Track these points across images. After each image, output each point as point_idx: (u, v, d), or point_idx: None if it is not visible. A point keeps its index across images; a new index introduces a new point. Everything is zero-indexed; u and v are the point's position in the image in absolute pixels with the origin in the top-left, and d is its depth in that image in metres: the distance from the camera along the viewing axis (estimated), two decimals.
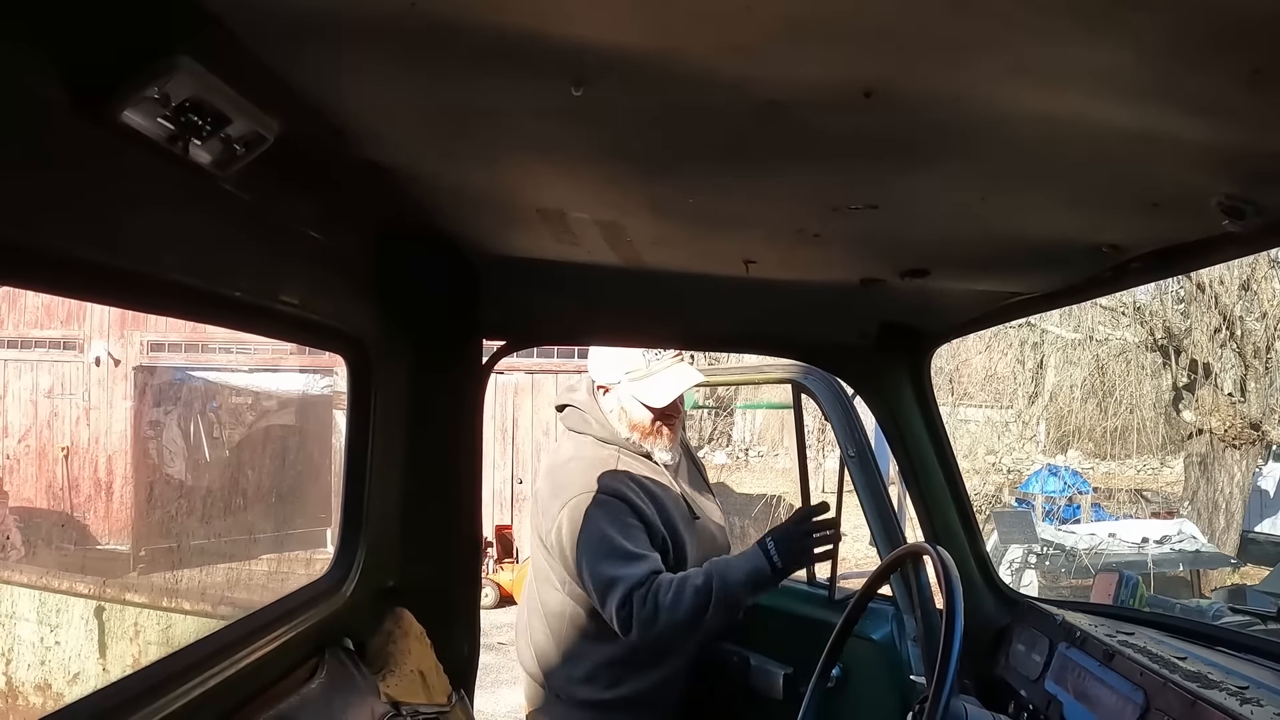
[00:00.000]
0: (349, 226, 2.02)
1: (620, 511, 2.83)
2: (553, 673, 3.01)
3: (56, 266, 1.16)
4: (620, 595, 2.72)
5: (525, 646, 3.14)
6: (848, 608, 2.39)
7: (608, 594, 2.75)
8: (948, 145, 1.36)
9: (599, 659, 2.94)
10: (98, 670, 7.64)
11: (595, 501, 2.84)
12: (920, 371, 2.86)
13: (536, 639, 3.08)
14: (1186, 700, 1.84)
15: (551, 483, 2.99)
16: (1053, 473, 18.04)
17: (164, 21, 1.09)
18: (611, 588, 2.73)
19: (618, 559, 2.76)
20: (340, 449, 12.86)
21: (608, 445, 3.00)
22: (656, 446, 3.03)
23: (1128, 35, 0.97)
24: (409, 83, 1.29)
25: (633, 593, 2.71)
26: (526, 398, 15.37)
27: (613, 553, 2.77)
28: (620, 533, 2.79)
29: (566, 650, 2.97)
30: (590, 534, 2.80)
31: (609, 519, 2.81)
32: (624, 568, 2.74)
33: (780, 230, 1.95)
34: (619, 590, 2.72)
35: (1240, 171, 1.35)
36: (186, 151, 1.23)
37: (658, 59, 1.11)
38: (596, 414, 3.05)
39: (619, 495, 2.86)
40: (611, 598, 2.73)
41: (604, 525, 2.80)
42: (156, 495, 15.39)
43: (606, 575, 2.75)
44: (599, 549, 2.78)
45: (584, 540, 2.80)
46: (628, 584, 2.72)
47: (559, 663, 2.99)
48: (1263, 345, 14.72)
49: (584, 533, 2.80)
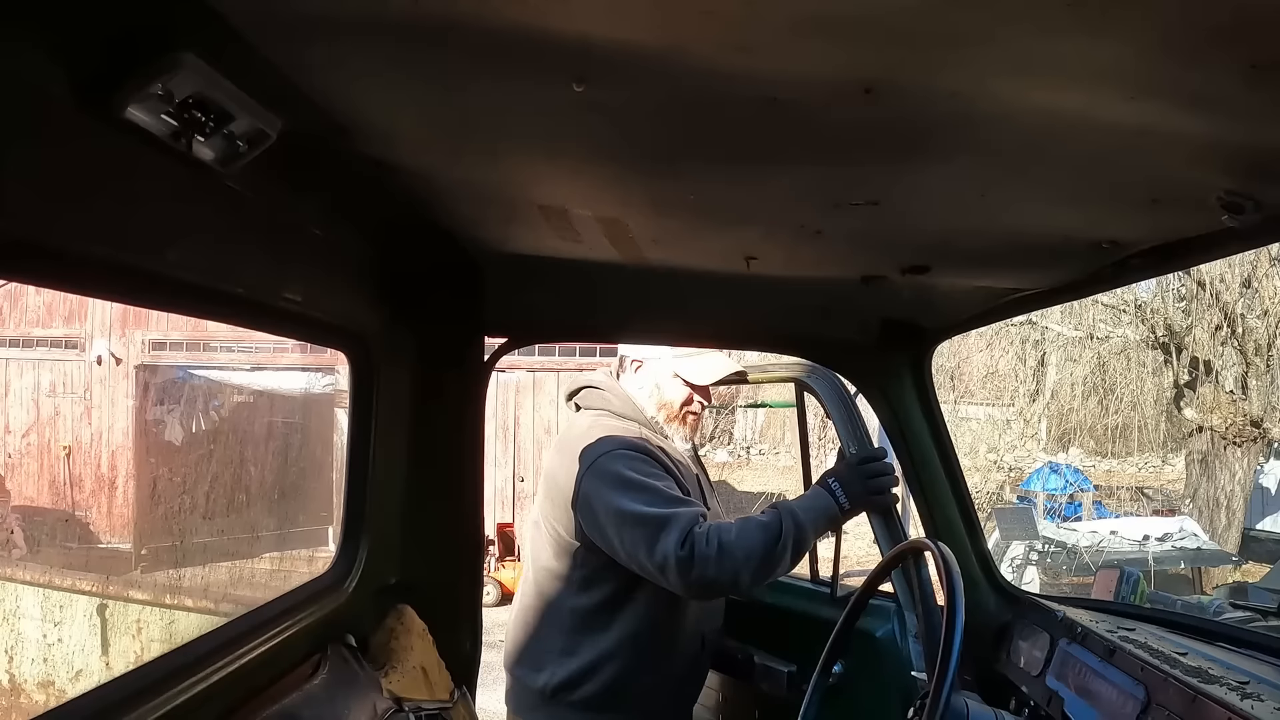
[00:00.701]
0: (351, 223, 2.02)
1: (651, 465, 2.70)
2: (546, 670, 2.84)
3: (61, 262, 1.16)
4: (677, 534, 2.50)
5: (517, 644, 2.97)
6: (849, 604, 2.40)
7: (659, 536, 2.52)
8: (948, 141, 1.36)
9: (599, 651, 2.80)
10: (100, 666, 7.66)
11: (623, 456, 2.69)
12: (921, 368, 2.86)
13: (529, 634, 2.94)
14: (1187, 695, 1.84)
15: (568, 453, 2.81)
16: (1054, 470, 18.04)
17: (168, 18, 1.10)
18: (664, 528, 2.52)
19: (661, 503, 2.59)
20: (341, 447, 12.83)
21: (628, 420, 2.90)
22: (676, 434, 2.95)
23: (1126, 30, 0.98)
24: (412, 80, 1.29)
25: (691, 529, 2.51)
26: (528, 396, 15.38)
27: (654, 499, 2.59)
28: (657, 480, 2.66)
29: (564, 645, 2.83)
30: (624, 487, 2.62)
31: (642, 469, 2.67)
32: (671, 507, 2.57)
33: (781, 227, 1.96)
34: (674, 530, 2.51)
35: (1239, 167, 1.36)
36: (190, 148, 1.23)
37: (659, 56, 1.12)
38: (618, 392, 2.95)
39: (646, 451, 2.73)
40: (665, 539, 2.51)
41: (638, 476, 2.64)
42: (158, 494, 15.39)
43: (652, 518, 2.55)
44: (637, 499, 2.59)
45: (616, 496, 2.62)
46: (683, 522, 2.52)
47: (555, 659, 2.83)
48: (1264, 342, 14.71)
49: (616, 488, 2.63)
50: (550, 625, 2.87)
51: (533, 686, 2.86)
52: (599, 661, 2.80)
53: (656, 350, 2.95)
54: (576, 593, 2.83)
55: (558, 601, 2.85)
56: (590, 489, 2.66)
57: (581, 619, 2.82)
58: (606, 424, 2.86)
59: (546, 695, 2.83)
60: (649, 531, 2.53)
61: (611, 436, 2.77)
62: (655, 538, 2.52)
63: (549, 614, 2.88)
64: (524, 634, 2.95)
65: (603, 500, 2.63)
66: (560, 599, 2.85)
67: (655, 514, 2.55)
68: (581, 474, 2.69)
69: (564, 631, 2.84)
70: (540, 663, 2.85)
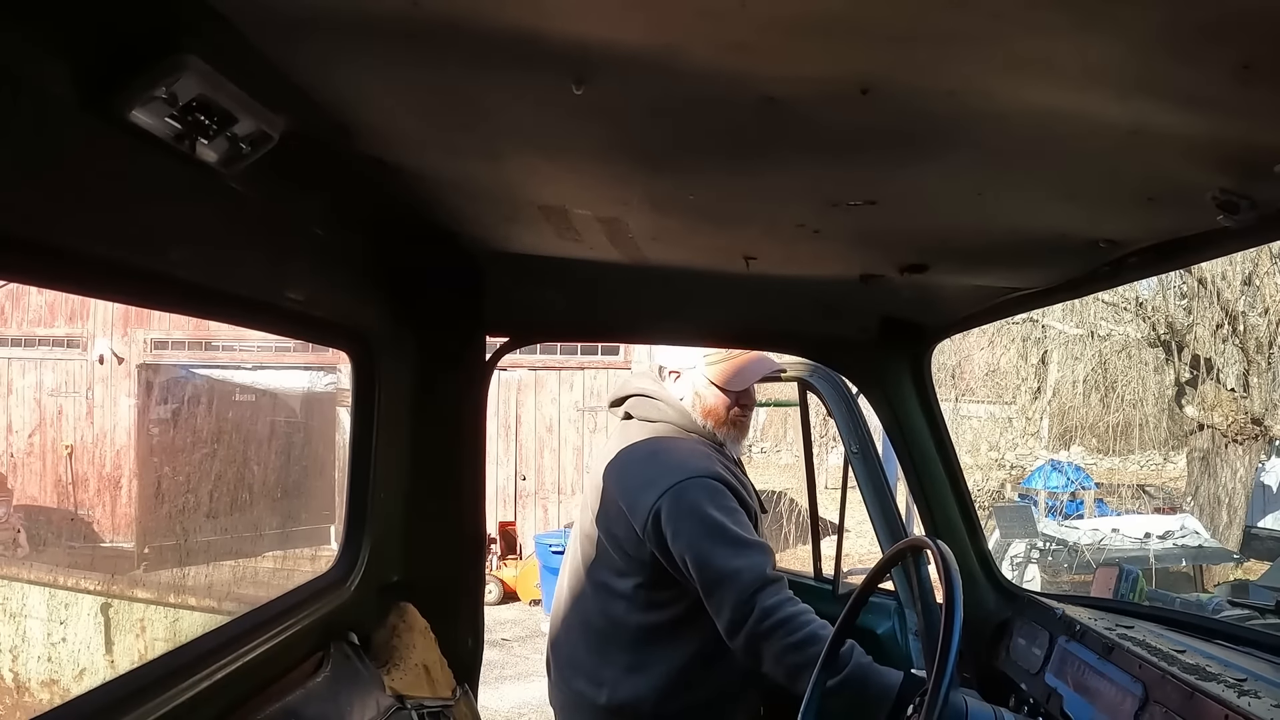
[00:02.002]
0: (353, 223, 2.03)
1: (724, 497, 2.69)
2: (606, 686, 2.81)
3: (65, 263, 1.17)
4: (738, 593, 2.55)
5: (570, 654, 2.93)
6: (849, 602, 2.41)
7: (722, 587, 2.57)
8: (944, 140, 1.37)
9: (669, 668, 2.76)
10: (105, 664, 7.68)
11: (699, 486, 2.67)
12: (921, 367, 2.87)
13: (585, 647, 2.88)
14: (1185, 692, 1.85)
15: (637, 475, 2.78)
16: (1056, 468, 18.05)
17: (171, 20, 1.11)
18: (728, 581, 2.57)
19: (731, 546, 2.60)
20: (343, 446, 12.86)
21: (688, 434, 2.88)
22: (729, 438, 2.91)
23: (1118, 29, 0.98)
24: (413, 80, 1.30)
25: (756, 595, 2.54)
26: (530, 394, 15.39)
27: (726, 540, 2.60)
28: (730, 519, 2.64)
29: (629, 661, 2.78)
30: (698, 520, 2.62)
31: (716, 504, 2.65)
32: (739, 557, 2.59)
33: (780, 226, 1.96)
34: (736, 586, 2.56)
35: (1234, 166, 1.36)
36: (193, 150, 1.25)
37: (657, 56, 1.13)
38: (672, 402, 2.91)
39: (719, 479, 2.71)
40: (728, 592, 2.56)
41: (712, 510, 2.63)
42: (160, 493, 15.42)
43: (720, 566, 2.58)
44: (711, 536, 2.61)
45: (692, 528, 2.62)
46: (747, 580, 2.56)
47: (618, 674, 2.78)
48: (1265, 340, 14.71)
49: (691, 520, 2.63)
50: (611, 640, 2.83)
51: (594, 701, 2.82)
52: (670, 677, 2.76)
53: (688, 358, 2.93)
54: (643, 610, 2.79)
55: (621, 617, 2.81)
56: (667, 518, 2.65)
57: (648, 635, 2.78)
58: (673, 442, 2.84)
59: (611, 711, 2.80)
60: (714, 576, 2.59)
61: (685, 460, 2.75)
62: (719, 585, 2.58)
63: (610, 629, 2.83)
64: (580, 646, 2.90)
65: (676, 531, 2.64)
66: (623, 615, 2.80)
67: (719, 564, 2.59)
68: (656, 499, 2.67)
69: (626, 648, 2.80)
70: (599, 677, 2.82)
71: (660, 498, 2.65)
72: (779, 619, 2.53)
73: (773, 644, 2.53)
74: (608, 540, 2.82)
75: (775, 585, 2.59)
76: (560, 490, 15.48)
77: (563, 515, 15.04)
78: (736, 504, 2.70)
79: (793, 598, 2.60)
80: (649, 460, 2.80)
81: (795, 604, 2.58)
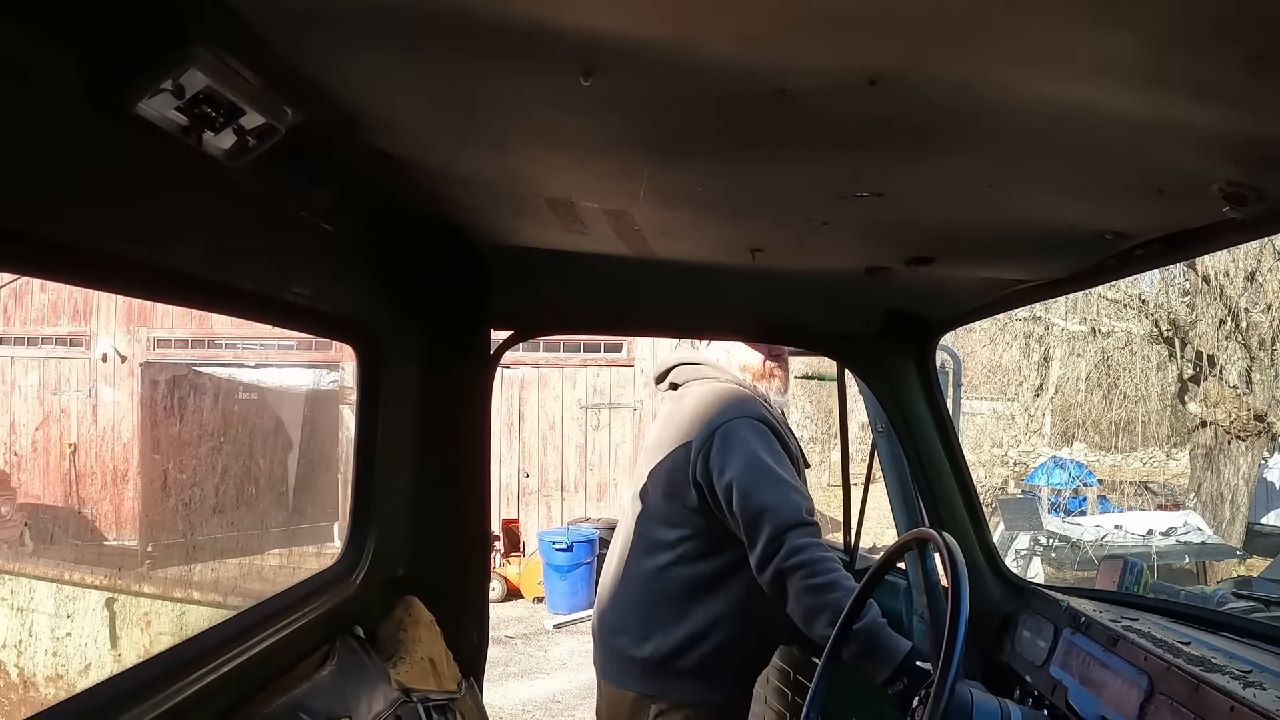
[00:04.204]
0: (359, 217, 2.03)
1: (771, 440, 2.84)
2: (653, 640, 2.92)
3: (71, 256, 1.17)
4: (773, 528, 2.68)
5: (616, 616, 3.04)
6: (855, 593, 2.41)
7: (760, 520, 2.71)
8: (953, 133, 1.37)
9: (710, 617, 2.88)
10: (111, 658, 7.71)
11: (749, 426, 2.83)
12: (926, 359, 2.87)
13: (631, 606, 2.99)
14: (1190, 684, 1.85)
15: (691, 420, 2.93)
16: (1059, 465, 18.07)
17: (179, 13, 1.11)
18: (766, 515, 2.70)
19: (773, 484, 2.74)
20: (346, 444, 12.85)
21: (735, 385, 3.02)
22: (772, 390, 3.05)
23: (1130, 21, 0.99)
24: (420, 73, 1.30)
25: (787, 533, 2.68)
26: (533, 391, 15.39)
27: (770, 478, 2.75)
28: (774, 459, 2.79)
29: (675, 612, 2.91)
30: (745, 456, 2.77)
31: (763, 444, 2.80)
32: (779, 495, 2.73)
33: (787, 218, 1.96)
34: (772, 521, 2.69)
35: (1242, 158, 1.36)
36: (200, 143, 1.25)
37: (667, 49, 1.13)
38: (712, 362, 3.06)
39: (767, 422, 2.87)
40: (764, 526, 2.69)
41: (759, 449, 2.78)
42: (163, 491, 15.44)
43: (761, 500, 2.72)
44: (755, 472, 2.75)
45: (739, 463, 2.77)
46: (783, 517, 2.69)
47: (664, 628, 2.91)
48: (1268, 337, 14.69)
49: (739, 454, 2.78)
50: (658, 595, 2.95)
51: (637, 656, 2.94)
52: (709, 627, 2.88)
53: None
54: (691, 562, 2.92)
55: (668, 571, 2.94)
56: (716, 452, 2.80)
57: (694, 588, 2.91)
58: (723, 389, 2.98)
59: (653, 664, 2.91)
60: (753, 511, 2.72)
61: (736, 404, 2.90)
62: (757, 520, 2.71)
63: (657, 587, 2.96)
64: (626, 608, 3.02)
65: (723, 466, 2.78)
66: (672, 569, 2.93)
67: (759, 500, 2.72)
68: (708, 436, 2.82)
69: (674, 601, 2.92)
70: (648, 632, 2.93)
71: (712, 435, 2.82)
72: (805, 559, 2.64)
73: (795, 581, 2.64)
74: (663, 496, 2.95)
75: (809, 528, 2.70)
76: (563, 488, 15.49)
77: (566, 513, 15.05)
78: (781, 448, 2.85)
79: (822, 544, 2.71)
80: (702, 406, 2.95)
81: (823, 549, 2.69)
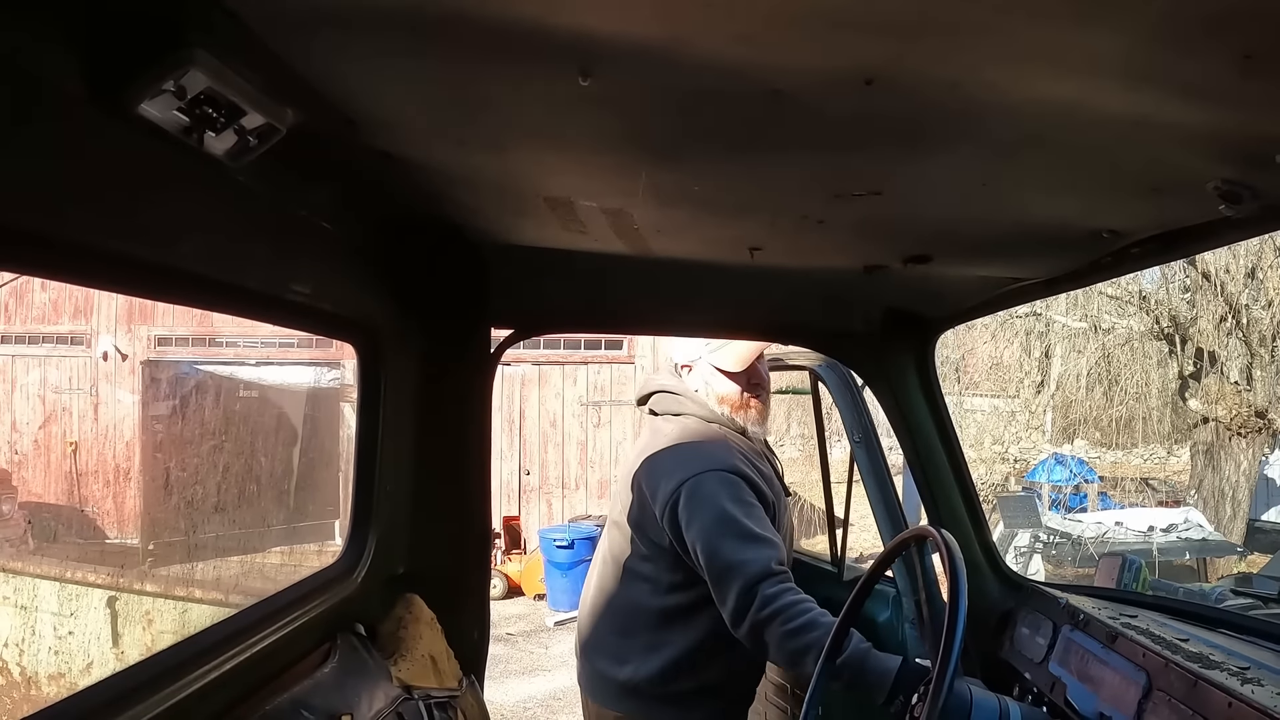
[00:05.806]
0: (359, 216, 2.04)
1: (740, 489, 2.79)
2: (630, 664, 2.94)
3: (73, 256, 1.18)
4: (742, 583, 2.63)
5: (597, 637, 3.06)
6: (853, 592, 2.42)
7: (728, 577, 2.66)
8: (948, 131, 1.37)
9: (683, 647, 2.88)
10: (113, 657, 7.73)
11: (716, 479, 2.77)
12: (925, 357, 2.88)
13: (611, 629, 3.01)
14: (1188, 681, 1.86)
15: (660, 465, 2.90)
16: (1059, 462, 18.05)
17: (180, 14, 1.12)
18: (734, 572, 2.65)
19: (740, 539, 2.69)
20: (347, 442, 12.84)
21: (711, 424, 2.98)
22: (749, 420, 3.01)
23: (1121, 19, 0.99)
24: (420, 73, 1.31)
25: (758, 585, 2.62)
26: (534, 389, 15.40)
27: (736, 532, 2.70)
28: (742, 512, 2.74)
29: (650, 641, 2.91)
30: (712, 512, 2.72)
31: (731, 496, 2.75)
32: (747, 550, 2.67)
33: (784, 217, 1.97)
34: (741, 577, 2.64)
35: (1236, 156, 1.37)
36: (201, 143, 1.26)
37: (664, 48, 1.13)
38: (691, 394, 3.03)
39: (737, 472, 2.81)
40: (733, 582, 2.65)
41: (726, 503, 2.73)
42: (164, 490, 15.46)
43: (727, 558, 2.67)
44: (721, 528, 2.70)
45: (705, 519, 2.72)
46: (752, 571, 2.63)
47: (640, 654, 2.91)
48: (1269, 333, 14.67)
49: (705, 511, 2.73)
50: (634, 622, 2.97)
51: (616, 678, 2.96)
52: (683, 657, 2.89)
53: (694, 349, 3.02)
54: (665, 593, 2.92)
55: (643, 601, 2.95)
56: (683, 507, 2.76)
57: (668, 617, 2.92)
58: (696, 433, 2.95)
59: (630, 688, 2.93)
60: (719, 567, 2.68)
61: (706, 453, 2.86)
62: (724, 576, 2.67)
63: (634, 612, 2.97)
64: (605, 628, 3.04)
65: (690, 519, 2.74)
66: (647, 599, 2.94)
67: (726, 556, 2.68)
68: (675, 489, 2.79)
69: (649, 628, 2.93)
70: (624, 657, 2.95)
71: (679, 488, 2.77)
72: (778, 606, 2.60)
73: (773, 630, 2.60)
74: (634, 527, 2.95)
75: (779, 577, 2.65)
76: (564, 485, 15.51)
77: (567, 510, 15.06)
78: (753, 497, 2.79)
79: (794, 588, 2.66)
80: (671, 452, 2.91)
81: (796, 593, 2.65)
